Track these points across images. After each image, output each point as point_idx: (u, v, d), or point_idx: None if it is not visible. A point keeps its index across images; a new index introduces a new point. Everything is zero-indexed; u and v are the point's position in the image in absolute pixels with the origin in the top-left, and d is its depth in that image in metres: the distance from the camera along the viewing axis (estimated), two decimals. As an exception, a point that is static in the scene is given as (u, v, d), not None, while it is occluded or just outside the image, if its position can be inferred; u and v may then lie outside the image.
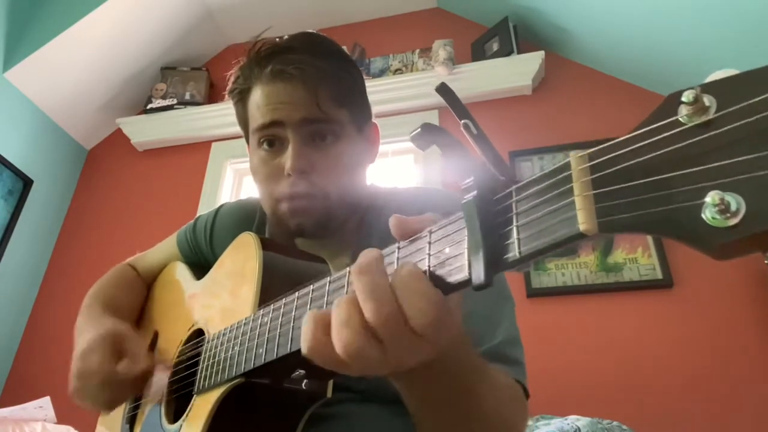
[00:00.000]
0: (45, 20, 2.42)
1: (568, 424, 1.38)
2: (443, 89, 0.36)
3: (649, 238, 1.91)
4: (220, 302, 0.74)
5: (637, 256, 1.90)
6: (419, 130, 0.38)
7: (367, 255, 0.39)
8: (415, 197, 0.81)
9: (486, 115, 2.28)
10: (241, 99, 0.81)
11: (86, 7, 2.37)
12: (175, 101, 2.68)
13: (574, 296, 1.90)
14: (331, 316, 0.39)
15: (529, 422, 1.44)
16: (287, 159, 0.73)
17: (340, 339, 0.37)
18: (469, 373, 0.47)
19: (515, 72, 2.31)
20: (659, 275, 1.84)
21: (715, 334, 1.72)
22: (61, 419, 1.75)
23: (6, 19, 2.39)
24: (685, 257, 1.85)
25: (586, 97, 2.24)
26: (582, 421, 1.39)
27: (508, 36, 2.33)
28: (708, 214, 0.25)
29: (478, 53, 2.43)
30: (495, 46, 2.38)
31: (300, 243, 0.84)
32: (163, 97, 2.70)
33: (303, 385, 0.58)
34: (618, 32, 2.09)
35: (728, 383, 1.64)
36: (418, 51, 2.56)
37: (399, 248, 0.40)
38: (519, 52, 2.32)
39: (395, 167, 2.41)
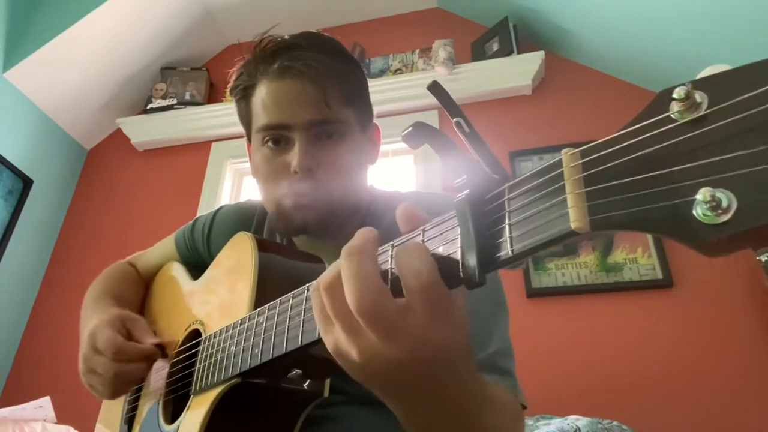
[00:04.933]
0: (45, 20, 2.42)
1: (568, 424, 1.38)
2: (435, 87, 0.36)
3: (649, 238, 1.90)
4: (216, 302, 0.74)
5: (637, 256, 1.90)
6: (411, 128, 0.37)
7: (361, 235, 0.38)
8: (416, 202, 0.81)
9: (486, 115, 2.29)
10: (245, 96, 0.79)
11: (86, 7, 2.37)
12: (175, 101, 2.68)
13: (574, 296, 1.89)
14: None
15: (529, 422, 1.44)
16: (294, 157, 0.73)
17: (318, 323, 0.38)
18: (477, 402, 0.43)
19: (515, 72, 2.31)
20: (659, 275, 1.84)
21: (715, 334, 1.72)
22: (61, 419, 1.75)
23: (6, 19, 2.39)
24: (685, 257, 1.85)
25: (586, 97, 2.24)
26: (582, 421, 1.39)
27: (508, 36, 2.33)
28: (699, 211, 0.24)
29: (478, 53, 2.43)
30: (495, 46, 2.38)
31: (300, 244, 0.85)
32: (163, 97, 2.70)
33: (300, 384, 0.58)
34: (618, 32, 2.09)
35: (728, 383, 1.64)
36: (418, 51, 2.55)
37: (393, 246, 0.40)
38: (519, 52, 2.32)
39: (395, 167, 2.41)
